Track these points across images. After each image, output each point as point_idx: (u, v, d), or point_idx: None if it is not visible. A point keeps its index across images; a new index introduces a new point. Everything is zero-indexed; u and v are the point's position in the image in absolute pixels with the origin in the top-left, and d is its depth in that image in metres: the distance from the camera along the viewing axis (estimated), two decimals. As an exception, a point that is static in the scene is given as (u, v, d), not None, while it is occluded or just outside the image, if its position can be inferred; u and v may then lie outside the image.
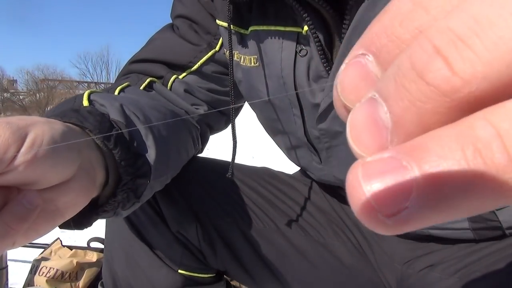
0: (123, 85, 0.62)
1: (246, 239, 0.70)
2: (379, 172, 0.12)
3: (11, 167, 0.31)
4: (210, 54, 0.68)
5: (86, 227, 0.45)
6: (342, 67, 0.14)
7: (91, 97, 0.51)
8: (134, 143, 0.48)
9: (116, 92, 0.60)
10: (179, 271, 0.68)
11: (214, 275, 0.72)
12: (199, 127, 0.70)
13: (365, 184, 0.12)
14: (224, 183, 0.71)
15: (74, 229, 0.44)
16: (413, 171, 0.11)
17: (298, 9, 0.52)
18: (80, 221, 0.44)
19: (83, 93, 0.52)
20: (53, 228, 0.36)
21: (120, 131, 0.46)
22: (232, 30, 0.60)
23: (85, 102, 0.50)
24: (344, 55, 0.51)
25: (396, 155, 0.12)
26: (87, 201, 0.40)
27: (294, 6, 0.52)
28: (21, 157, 0.31)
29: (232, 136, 0.62)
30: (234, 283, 0.85)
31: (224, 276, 0.77)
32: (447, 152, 0.11)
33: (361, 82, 0.13)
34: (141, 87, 0.65)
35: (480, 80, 0.11)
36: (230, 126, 0.65)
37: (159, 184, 0.55)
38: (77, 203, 0.38)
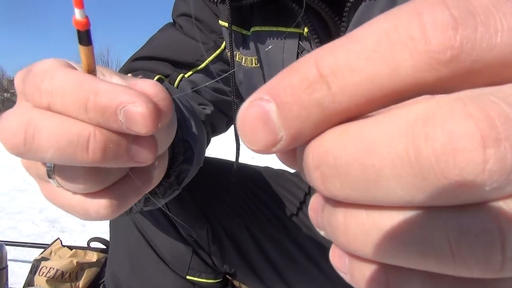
0: (138, 78, 0.61)
1: (254, 240, 0.69)
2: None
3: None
4: (218, 52, 0.66)
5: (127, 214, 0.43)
6: (245, 104, 0.15)
7: None
8: (182, 127, 0.47)
9: None
10: (187, 277, 0.67)
11: (221, 280, 0.72)
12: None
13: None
14: (231, 183, 0.71)
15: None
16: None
17: (297, 11, 0.51)
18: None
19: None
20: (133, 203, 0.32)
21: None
22: (233, 31, 0.60)
23: None
24: None
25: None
26: (159, 180, 0.37)
27: (293, 8, 0.51)
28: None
29: (235, 139, 0.61)
30: (235, 282, 0.85)
31: (230, 279, 0.76)
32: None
33: (260, 125, 0.14)
34: None
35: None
36: (231, 128, 0.64)
37: (195, 171, 0.54)
38: (154, 182, 0.36)
